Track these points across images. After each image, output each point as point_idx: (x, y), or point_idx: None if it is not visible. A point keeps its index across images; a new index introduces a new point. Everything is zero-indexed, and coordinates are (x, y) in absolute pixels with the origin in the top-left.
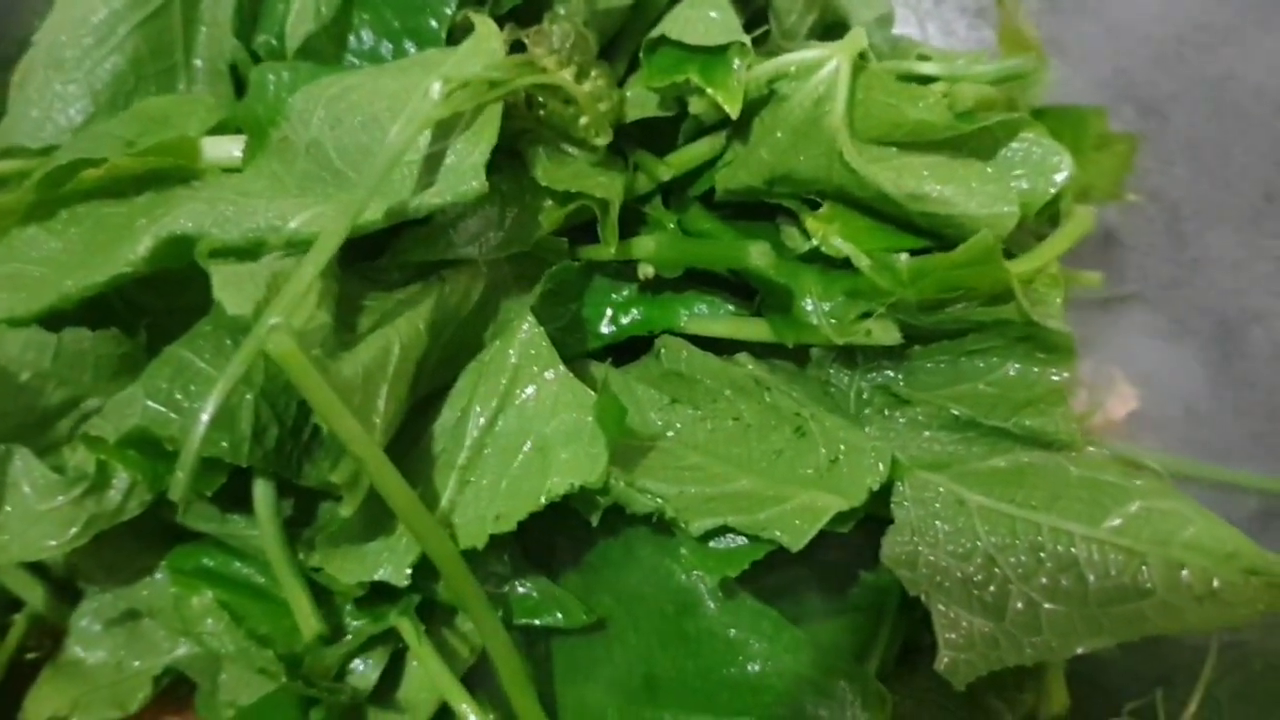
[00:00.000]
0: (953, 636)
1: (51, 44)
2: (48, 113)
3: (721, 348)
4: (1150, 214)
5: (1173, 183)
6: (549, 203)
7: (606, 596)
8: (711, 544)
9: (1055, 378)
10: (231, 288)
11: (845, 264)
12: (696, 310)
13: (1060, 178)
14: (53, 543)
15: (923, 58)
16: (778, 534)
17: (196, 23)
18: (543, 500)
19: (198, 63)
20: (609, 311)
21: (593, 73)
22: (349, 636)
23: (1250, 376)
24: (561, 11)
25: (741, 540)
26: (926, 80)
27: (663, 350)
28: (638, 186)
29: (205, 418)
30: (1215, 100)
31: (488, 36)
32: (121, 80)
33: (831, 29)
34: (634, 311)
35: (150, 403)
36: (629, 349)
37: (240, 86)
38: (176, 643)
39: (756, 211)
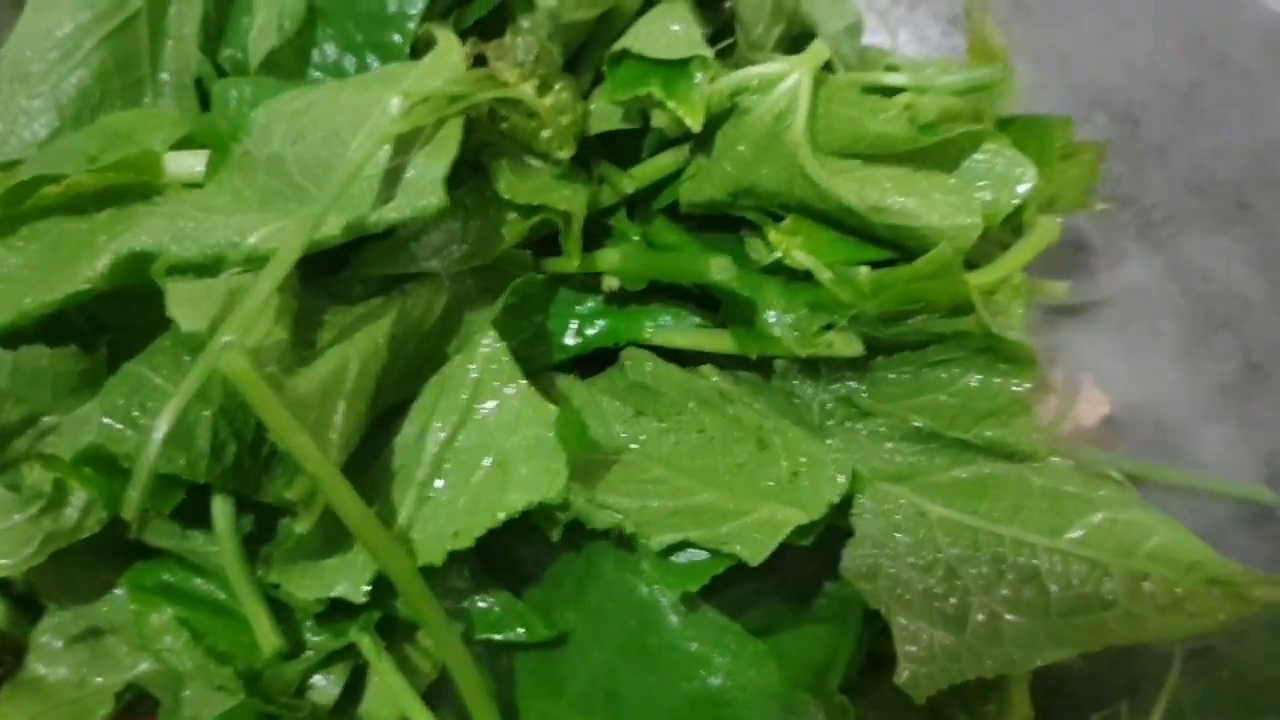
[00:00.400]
0: (913, 649)
1: (16, 59)
2: (12, 127)
3: (687, 359)
4: (1122, 220)
5: (1144, 189)
6: (512, 215)
7: (569, 611)
8: (672, 558)
9: (1016, 389)
10: (186, 305)
11: (808, 276)
12: (661, 322)
13: (1024, 189)
14: (9, 561)
15: (891, 68)
16: (738, 548)
17: (163, 36)
18: (501, 517)
19: (164, 76)
20: (574, 324)
21: (556, 86)
22: (309, 653)
23: (1223, 382)
24: (525, 24)
25: (703, 554)
26: (892, 91)
27: (628, 362)
28: (602, 199)
29: (159, 435)
30: (1187, 106)
31: (449, 50)
32: (87, 94)
33: (800, 40)
34: (599, 323)
35: (106, 420)
36: (595, 361)
37: (207, 101)
38: (139, 659)
39: (722, 223)
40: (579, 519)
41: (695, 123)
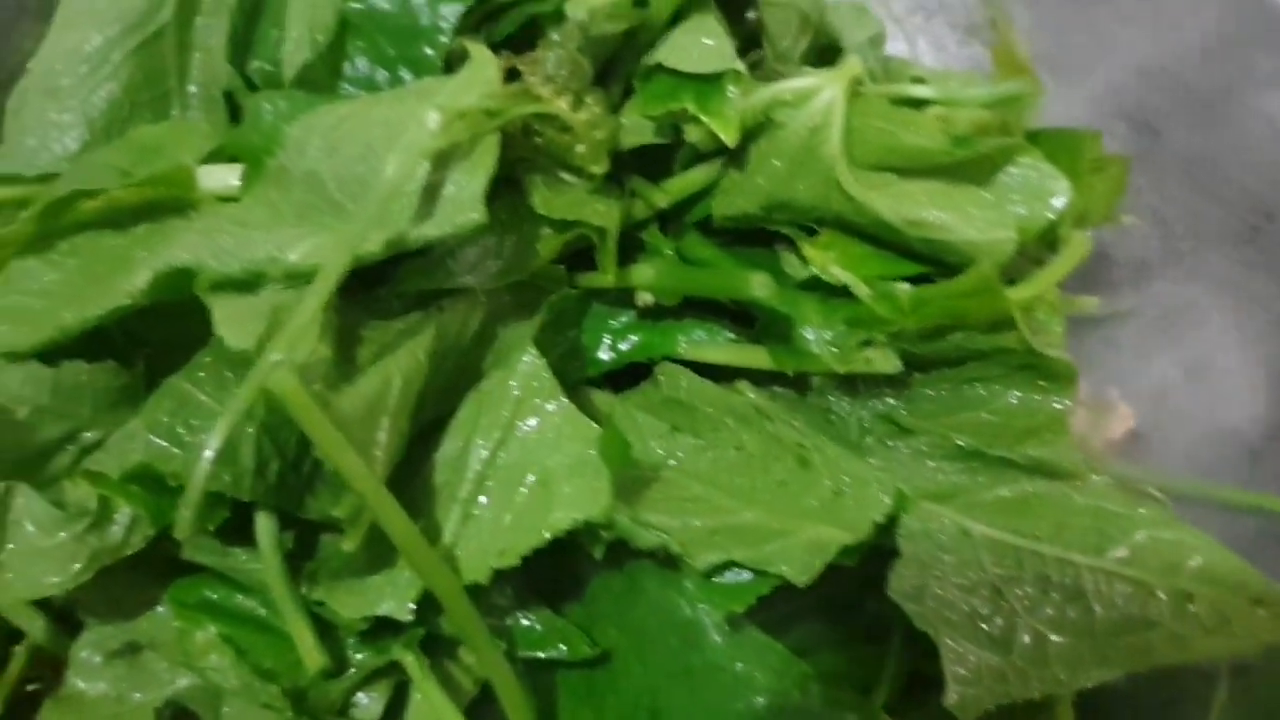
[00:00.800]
0: (961, 671)
1: (46, 72)
2: (43, 141)
3: (720, 374)
4: (1145, 231)
5: (1167, 200)
6: (546, 231)
7: (611, 628)
8: (717, 578)
9: (1057, 406)
10: (233, 322)
11: (845, 292)
12: (695, 337)
13: (1058, 203)
14: (56, 579)
15: (916, 79)
16: (784, 569)
17: (190, 48)
18: (547, 536)
19: (192, 89)
20: (607, 338)
21: (588, 100)
22: (352, 670)
23: (1248, 394)
24: (556, 38)
25: (746, 574)
26: (921, 103)
27: (662, 378)
28: (635, 213)
29: (209, 454)
30: (1209, 117)
31: (484, 65)
32: (117, 107)
33: (825, 51)
34: (632, 338)
35: (152, 437)
36: (627, 374)
37: (235, 112)
38: (178, 675)
39: (754, 237)
40: (622, 538)
41: (730, 138)
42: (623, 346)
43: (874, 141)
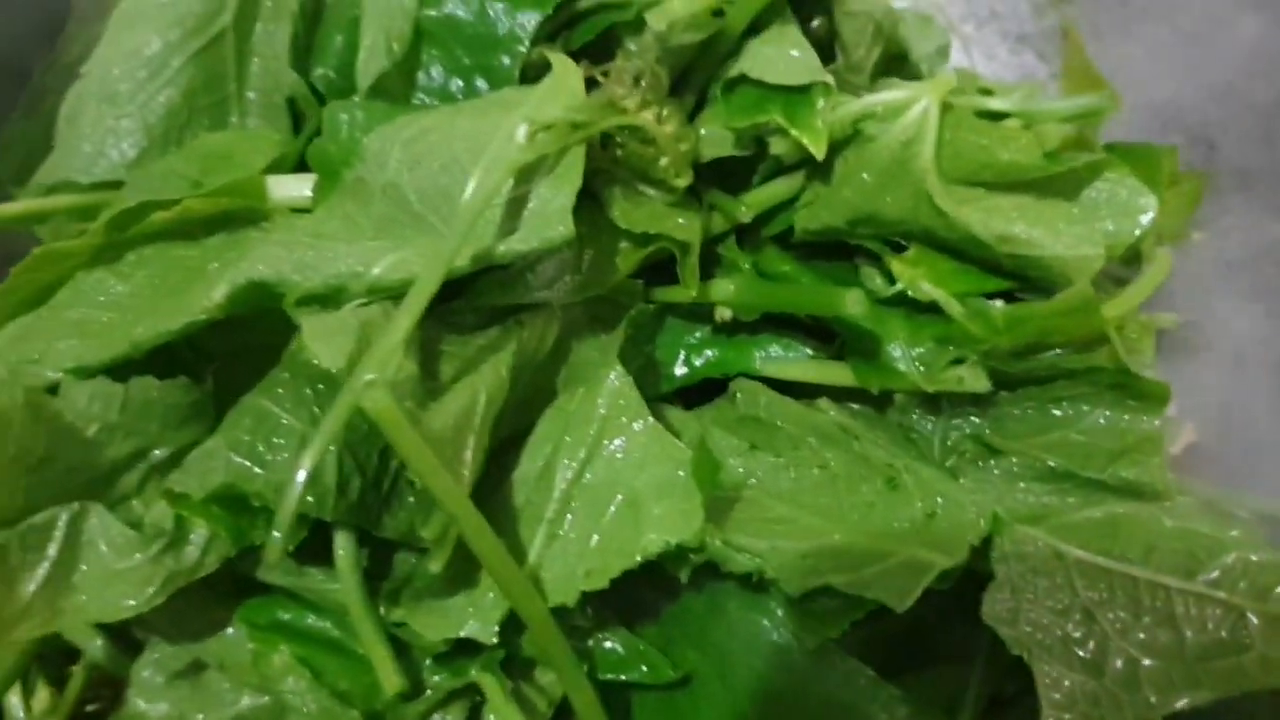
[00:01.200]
0: (1056, 696)
1: (103, 76)
2: (100, 147)
3: (797, 390)
4: (1200, 244)
5: (1223, 212)
6: (625, 244)
7: (690, 651)
8: (808, 602)
9: (1147, 426)
10: (322, 340)
11: (931, 308)
12: (771, 352)
13: (1146, 219)
14: (132, 602)
15: (984, 91)
16: (882, 594)
17: (249, 54)
18: (638, 559)
19: (250, 95)
20: (683, 354)
21: (665, 111)
22: (429, 692)
23: None
24: (633, 48)
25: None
26: (999, 116)
27: (739, 394)
28: (712, 226)
29: (301, 475)
30: (1266, 128)
31: (567, 75)
32: (175, 114)
33: (893, 61)
34: (708, 353)
35: (234, 456)
36: (699, 390)
37: (298, 121)
38: (240, 695)
39: (832, 251)
40: (713, 561)
41: (819, 150)
42: (698, 362)
43: (966, 155)
